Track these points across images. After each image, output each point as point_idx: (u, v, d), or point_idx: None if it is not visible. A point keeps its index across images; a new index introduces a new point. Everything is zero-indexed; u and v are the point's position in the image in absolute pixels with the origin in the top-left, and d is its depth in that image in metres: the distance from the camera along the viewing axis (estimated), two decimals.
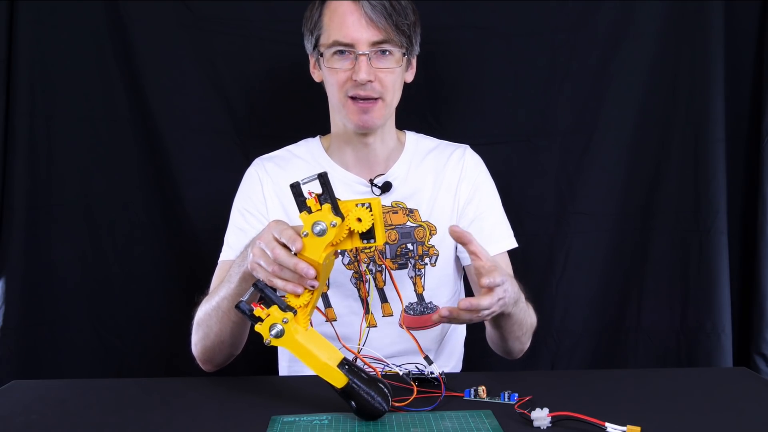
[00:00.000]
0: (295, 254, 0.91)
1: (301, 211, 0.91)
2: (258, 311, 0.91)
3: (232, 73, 1.56)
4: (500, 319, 1.10)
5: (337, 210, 0.90)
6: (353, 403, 0.90)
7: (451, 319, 0.97)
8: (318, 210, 0.90)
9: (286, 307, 0.91)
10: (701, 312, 1.56)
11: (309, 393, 1.00)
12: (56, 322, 1.54)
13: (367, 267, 1.26)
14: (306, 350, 0.91)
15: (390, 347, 1.22)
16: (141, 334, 1.57)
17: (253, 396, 1.01)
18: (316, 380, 0.94)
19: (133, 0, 1.51)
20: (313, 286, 0.92)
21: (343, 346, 1.01)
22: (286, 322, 0.90)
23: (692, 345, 1.58)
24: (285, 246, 0.92)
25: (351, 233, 0.92)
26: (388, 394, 0.90)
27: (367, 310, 1.24)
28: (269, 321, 0.90)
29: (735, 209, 1.58)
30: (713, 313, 1.55)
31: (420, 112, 1.56)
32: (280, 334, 0.90)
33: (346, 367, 0.91)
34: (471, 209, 1.30)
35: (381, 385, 0.90)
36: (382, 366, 1.04)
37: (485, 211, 1.31)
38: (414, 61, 1.29)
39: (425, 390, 0.99)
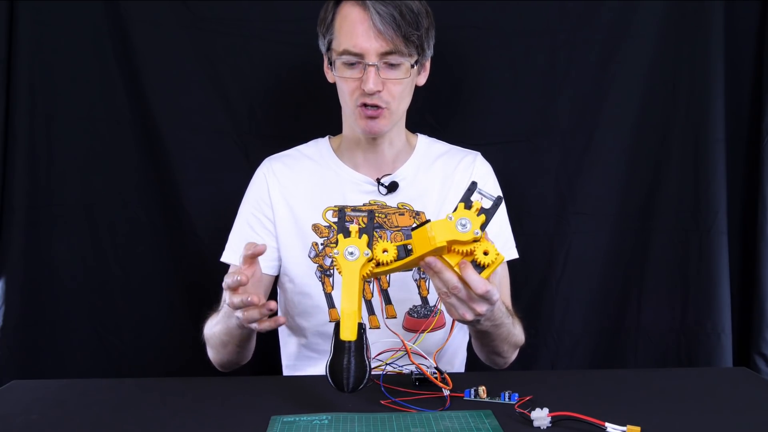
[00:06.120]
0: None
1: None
2: (353, 228, 0.95)
3: (232, 73, 1.56)
4: (479, 334, 1.13)
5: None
6: (332, 358, 0.92)
7: (435, 272, 0.94)
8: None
9: (371, 247, 0.95)
10: (701, 312, 1.56)
11: (309, 393, 1.00)
12: (56, 322, 1.54)
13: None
14: (356, 288, 0.93)
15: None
16: (141, 334, 1.57)
17: (253, 396, 1.01)
18: (316, 380, 0.94)
19: (133, 0, 1.51)
20: (271, 309, 0.98)
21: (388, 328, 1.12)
22: (367, 255, 0.94)
23: (692, 345, 1.57)
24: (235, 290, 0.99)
25: (455, 252, 0.93)
26: (364, 380, 0.92)
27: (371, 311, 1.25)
28: (354, 242, 0.94)
29: (735, 209, 1.57)
30: (713, 313, 1.55)
31: (420, 112, 1.55)
32: (352, 257, 0.94)
33: (362, 331, 0.93)
34: None
35: (369, 370, 0.92)
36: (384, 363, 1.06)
37: None
38: (427, 64, 1.29)
39: (427, 391, 0.99)
